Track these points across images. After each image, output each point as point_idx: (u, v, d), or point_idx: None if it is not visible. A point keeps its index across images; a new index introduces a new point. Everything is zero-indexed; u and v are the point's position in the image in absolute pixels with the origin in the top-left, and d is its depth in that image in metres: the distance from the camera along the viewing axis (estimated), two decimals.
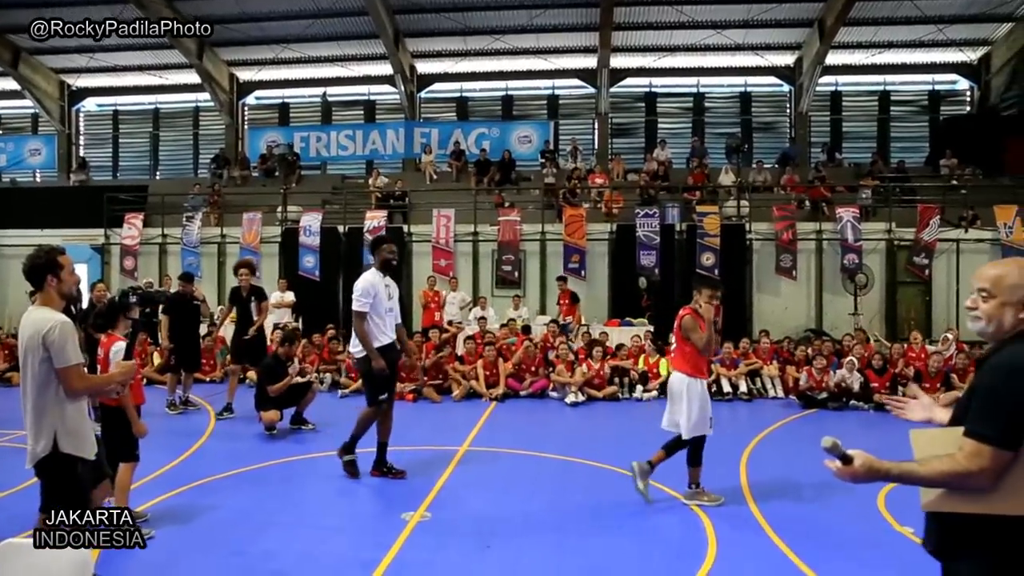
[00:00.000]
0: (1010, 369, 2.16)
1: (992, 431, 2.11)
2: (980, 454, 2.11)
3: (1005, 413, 2.11)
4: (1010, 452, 2.10)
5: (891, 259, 16.60)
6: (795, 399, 10.68)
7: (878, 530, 5.37)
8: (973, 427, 2.16)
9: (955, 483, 2.16)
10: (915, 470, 2.22)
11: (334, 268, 16.86)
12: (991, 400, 2.16)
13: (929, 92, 23.59)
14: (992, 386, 2.18)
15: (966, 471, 2.12)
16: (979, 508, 2.15)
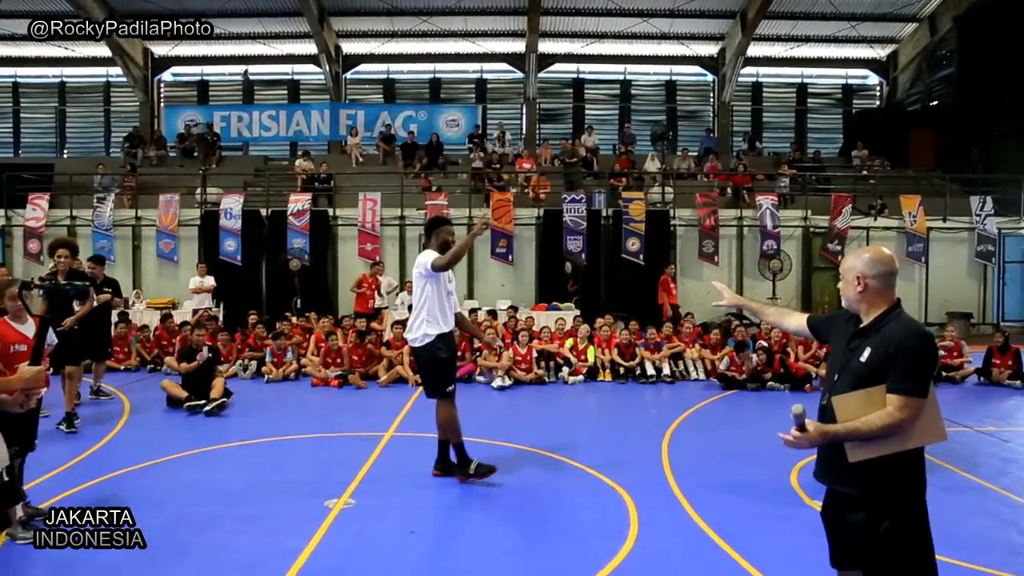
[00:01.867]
0: (918, 336, 2.72)
1: (915, 385, 2.65)
2: (908, 405, 2.64)
3: (921, 370, 2.68)
4: (925, 399, 2.66)
5: (807, 245, 17.30)
6: (716, 381, 10.99)
7: (791, 504, 5.58)
8: (899, 385, 2.66)
9: (890, 431, 2.64)
10: (858, 427, 2.68)
11: (256, 252, 16.40)
12: (911, 363, 2.67)
13: (843, 86, 24.64)
14: (908, 353, 2.67)
15: (900, 420, 2.63)
16: (899, 448, 2.67)
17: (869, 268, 2.85)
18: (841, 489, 2.86)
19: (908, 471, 2.72)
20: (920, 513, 2.74)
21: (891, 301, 2.85)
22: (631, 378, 11.23)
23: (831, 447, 2.81)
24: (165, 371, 11.00)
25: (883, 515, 2.70)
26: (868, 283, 2.84)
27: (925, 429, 2.69)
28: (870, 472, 2.72)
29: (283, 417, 8.68)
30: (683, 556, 4.63)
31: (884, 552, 2.72)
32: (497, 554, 4.65)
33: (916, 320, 2.86)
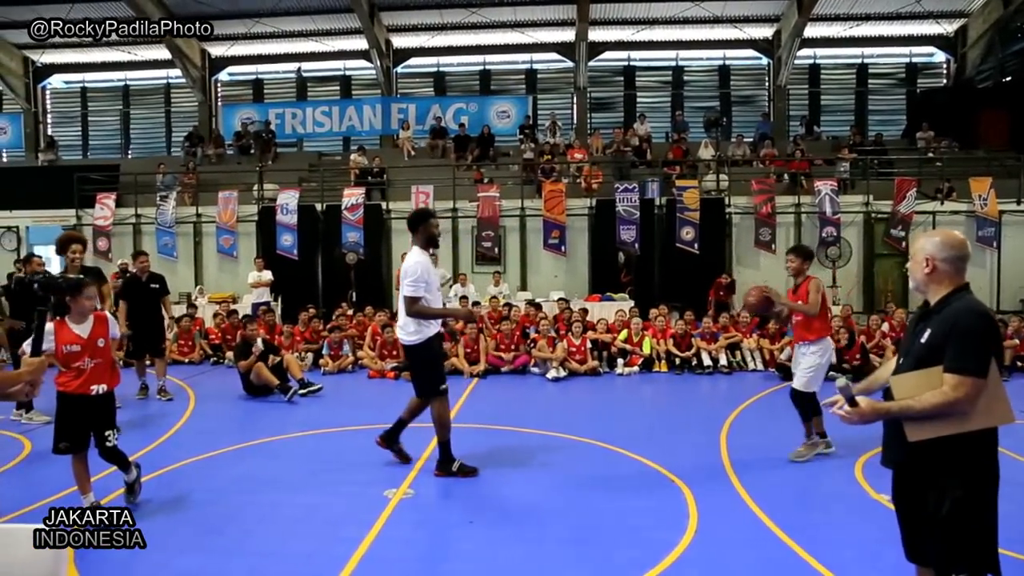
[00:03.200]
0: (974, 315, 2.70)
1: (970, 364, 2.63)
2: (963, 384, 2.62)
3: (978, 349, 2.65)
4: (984, 379, 2.62)
5: (869, 231, 16.75)
6: (775, 371, 10.75)
7: (855, 497, 5.42)
8: (954, 364, 2.65)
9: (945, 410, 2.63)
10: (911, 405, 2.69)
11: (312, 246, 16.71)
12: (966, 341, 2.66)
13: (906, 64, 23.70)
14: (964, 331, 2.67)
15: (954, 399, 2.61)
16: (959, 429, 2.66)
17: (939, 250, 2.83)
18: (905, 472, 2.85)
19: (974, 455, 2.69)
20: (985, 501, 2.69)
21: (958, 285, 2.83)
22: (687, 369, 11.08)
23: (895, 430, 2.81)
24: (227, 364, 11.32)
25: (944, 499, 2.68)
26: (937, 265, 2.83)
27: (988, 411, 2.65)
28: (933, 455, 2.71)
29: (341, 408, 8.82)
30: (744, 549, 4.53)
31: (944, 536, 2.70)
32: (555, 543, 4.63)
33: (979, 301, 2.81)
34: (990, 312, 2.77)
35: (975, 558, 2.69)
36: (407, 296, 5.78)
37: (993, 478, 2.71)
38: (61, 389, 4.87)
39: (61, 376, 4.84)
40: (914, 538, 2.87)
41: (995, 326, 2.74)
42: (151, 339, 9.20)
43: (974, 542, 2.68)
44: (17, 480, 6.04)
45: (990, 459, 2.71)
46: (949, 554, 2.71)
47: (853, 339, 10.77)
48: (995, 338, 2.73)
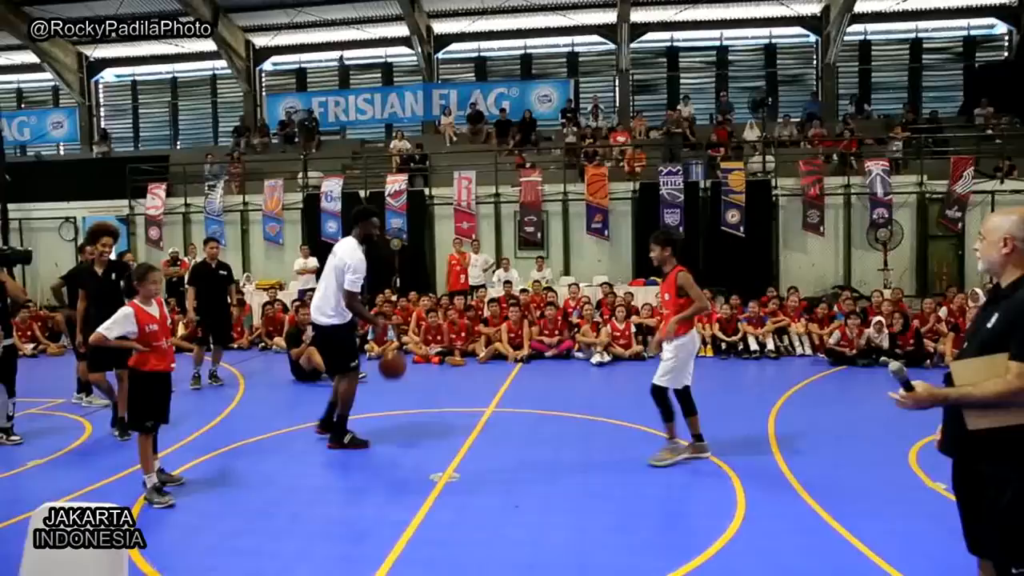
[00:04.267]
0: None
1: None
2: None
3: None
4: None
5: (922, 212, 16.21)
6: (824, 356, 10.54)
7: (909, 486, 5.30)
8: (1020, 351, 2.52)
9: (1007, 400, 2.53)
10: (971, 392, 2.58)
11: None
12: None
13: (964, 38, 22.73)
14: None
15: (1018, 388, 2.50)
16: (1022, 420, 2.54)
17: (1020, 229, 2.67)
18: (964, 461, 2.75)
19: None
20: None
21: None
22: (733, 354, 10.94)
23: (954, 417, 2.71)
24: (275, 350, 11.54)
25: (1005, 490, 2.57)
26: (1016, 245, 2.67)
27: None
28: (994, 444, 2.60)
29: (386, 393, 8.87)
30: (794, 537, 4.46)
31: (1005, 529, 2.60)
32: (600, 530, 4.62)
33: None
34: None
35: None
36: (349, 291, 6.15)
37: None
38: (145, 368, 5.12)
39: (141, 356, 5.09)
40: (975, 530, 2.77)
41: None
42: (218, 326, 9.42)
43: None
44: (79, 461, 6.26)
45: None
46: (1010, 547, 2.61)
47: (907, 324, 10.47)
48: None
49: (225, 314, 9.66)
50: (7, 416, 6.69)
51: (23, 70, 25.26)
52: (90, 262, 7.05)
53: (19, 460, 6.19)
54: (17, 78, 25.95)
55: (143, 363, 5.10)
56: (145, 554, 4.19)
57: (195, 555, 4.32)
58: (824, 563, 4.12)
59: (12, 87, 26.12)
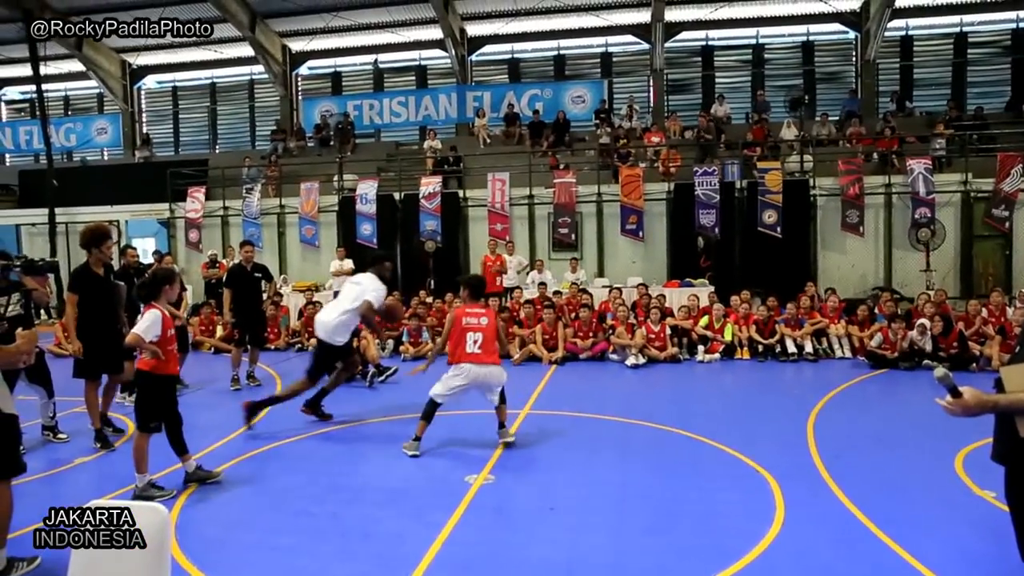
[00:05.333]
0: None
1: None
2: None
3: None
4: None
5: (967, 212, 15.81)
6: (864, 359, 10.33)
7: (956, 493, 5.16)
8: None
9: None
10: (1020, 399, 2.50)
11: (391, 235, 17.01)
12: None
13: (1012, 31, 22.04)
14: None
15: None
16: None
17: None
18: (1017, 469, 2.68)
19: None
20: None
21: None
22: (770, 356, 10.78)
23: (1006, 424, 2.63)
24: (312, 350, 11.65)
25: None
26: None
27: None
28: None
29: (420, 394, 8.85)
30: (835, 543, 4.37)
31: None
32: (637, 532, 4.59)
33: None
34: None
35: None
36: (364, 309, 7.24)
37: None
38: (159, 372, 5.23)
39: (153, 359, 5.19)
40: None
41: None
42: (254, 327, 9.57)
43: None
44: (124, 459, 6.39)
45: None
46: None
47: (950, 326, 10.21)
48: None
49: (260, 316, 9.80)
50: (50, 416, 6.88)
51: (70, 78, 25.95)
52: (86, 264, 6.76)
53: (66, 458, 6.35)
54: (64, 86, 26.65)
55: (157, 367, 5.21)
56: (186, 551, 4.28)
57: (236, 552, 4.39)
58: (866, 570, 4.03)
59: (60, 95, 26.83)
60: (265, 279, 9.71)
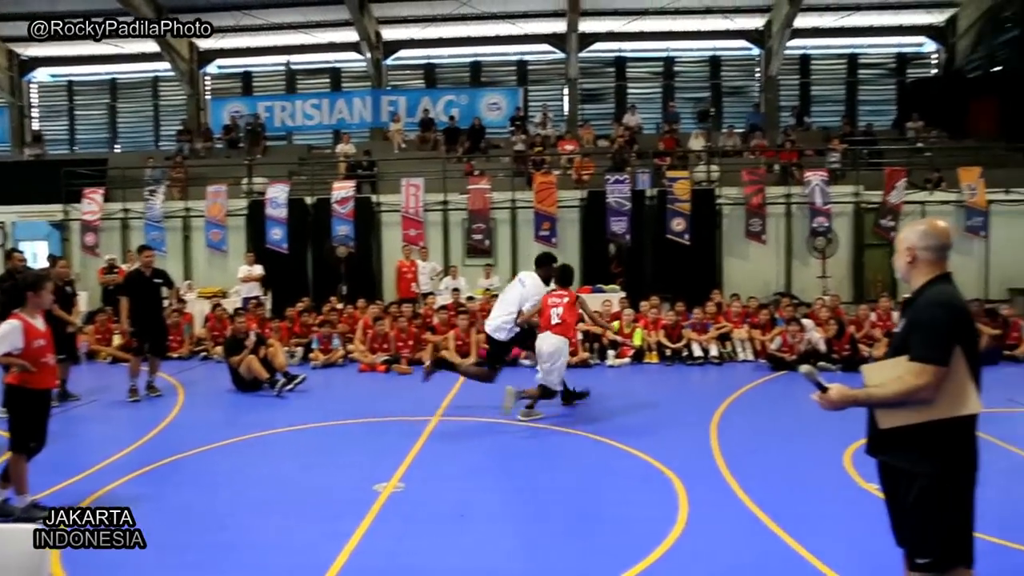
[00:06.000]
0: (933, 304, 2.74)
1: (929, 352, 2.66)
2: (924, 372, 2.65)
3: (937, 338, 2.66)
4: (945, 367, 2.64)
5: (858, 222, 16.77)
6: (765, 362, 10.77)
7: (844, 487, 5.45)
8: (915, 352, 2.69)
9: (907, 398, 2.67)
10: (877, 393, 2.75)
11: (302, 240, 16.63)
12: (925, 331, 2.70)
13: (896, 55, 23.71)
14: (924, 320, 2.73)
15: (916, 387, 2.65)
16: (924, 417, 2.69)
17: (920, 239, 2.86)
18: (881, 459, 2.90)
19: (943, 444, 2.71)
20: (955, 491, 2.71)
21: (937, 274, 2.85)
22: (678, 360, 11.10)
23: (872, 417, 2.87)
24: (217, 359, 11.26)
25: (913, 486, 2.74)
26: (917, 254, 2.86)
27: (953, 399, 2.67)
28: (903, 442, 2.76)
29: (331, 403, 8.79)
30: (735, 540, 4.55)
31: (912, 524, 2.79)
32: (547, 536, 4.64)
33: (951, 290, 2.81)
34: (955, 302, 2.75)
35: (941, 547, 2.72)
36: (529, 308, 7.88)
37: (966, 467, 2.73)
38: (31, 386, 4.85)
39: (22, 373, 4.80)
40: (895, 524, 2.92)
41: (959, 316, 2.72)
42: (154, 336, 9.09)
43: (940, 531, 2.72)
44: None
45: (962, 448, 2.73)
46: (915, 541, 2.78)
47: (842, 329, 10.78)
48: (959, 328, 2.70)
49: (161, 324, 9.37)
50: None
51: None
52: None
53: None
54: None
55: (28, 381, 4.81)
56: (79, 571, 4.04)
57: (136, 570, 4.16)
58: (762, 564, 4.21)
59: None
60: (166, 285, 9.29)
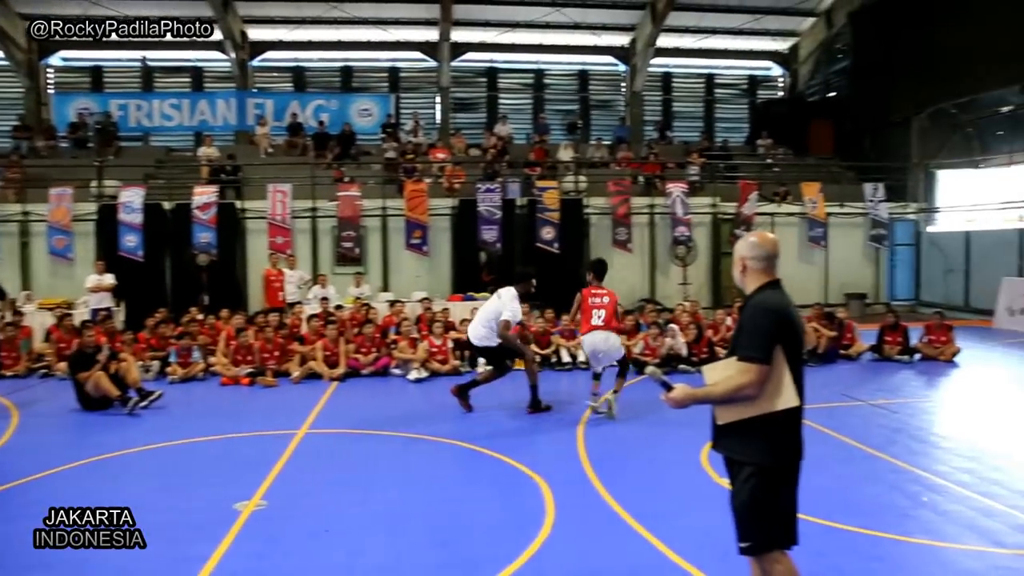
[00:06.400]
0: (756, 309, 2.97)
1: (751, 352, 2.88)
2: (748, 371, 2.87)
3: (758, 339, 2.89)
4: (766, 366, 2.86)
5: (716, 231, 17.83)
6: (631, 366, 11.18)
7: (701, 483, 5.75)
8: (741, 352, 2.91)
9: (735, 395, 2.89)
10: (711, 391, 2.97)
11: (160, 248, 15.69)
12: (748, 333, 2.94)
13: (748, 77, 25.48)
14: (748, 324, 2.97)
15: (740, 385, 2.87)
16: (751, 412, 2.91)
17: (748, 251, 3.08)
18: (720, 452, 3.12)
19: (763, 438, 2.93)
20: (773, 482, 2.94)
21: (766, 281, 3.05)
22: (547, 366, 11.32)
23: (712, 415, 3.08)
24: (60, 376, 10.39)
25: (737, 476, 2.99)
26: (747, 264, 3.08)
27: (773, 395, 2.89)
28: (732, 437, 3.00)
29: (189, 419, 8.32)
30: (599, 540, 4.69)
31: (734, 511, 3.03)
32: (414, 548, 4.60)
33: (775, 296, 3.01)
34: (776, 307, 2.95)
35: (758, 533, 2.98)
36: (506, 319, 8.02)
37: (786, 458, 2.97)
38: None
39: None
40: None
41: (779, 320, 2.91)
42: None
43: (757, 518, 2.96)
44: None
45: (783, 440, 2.95)
46: (737, 526, 3.02)
47: (701, 333, 11.40)
48: (780, 330, 2.89)
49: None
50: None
51: None
52: None
53: None
54: None
55: None
56: None
57: None
58: (625, 563, 4.36)
59: None
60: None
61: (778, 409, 2.89)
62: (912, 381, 10.26)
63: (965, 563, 4.34)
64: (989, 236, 17.32)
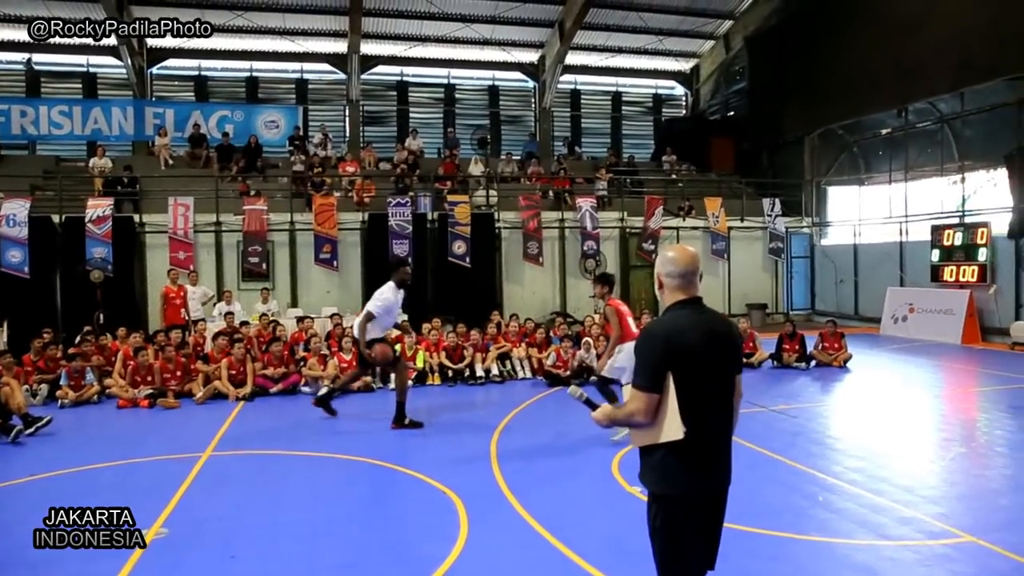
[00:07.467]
0: (643, 334, 2.85)
1: (639, 380, 2.76)
2: (636, 398, 2.76)
3: (643, 366, 2.77)
4: (656, 394, 2.73)
5: (624, 245, 18.31)
6: (542, 379, 11.33)
7: (612, 493, 5.88)
8: (632, 380, 2.81)
9: (629, 421, 2.82)
10: (616, 413, 2.90)
11: (48, 263, 14.79)
12: (637, 359, 2.82)
13: (653, 95, 26.36)
14: (637, 348, 2.85)
15: (630, 412, 2.78)
16: (649, 440, 2.80)
17: (662, 266, 2.97)
18: None
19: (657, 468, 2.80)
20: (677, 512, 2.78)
21: (681, 299, 2.89)
22: (460, 380, 11.33)
23: None
24: None
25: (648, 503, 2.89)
26: (664, 280, 2.95)
27: (659, 425, 2.75)
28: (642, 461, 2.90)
29: (83, 445, 7.88)
30: (512, 552, 4.72)
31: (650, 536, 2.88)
32: (325, 569, 4.51)
33: (671, 318, 2.85)
34: (664, 332, 2.75)
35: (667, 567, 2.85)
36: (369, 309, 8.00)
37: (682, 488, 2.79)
38: None
39: None
40: None
41: (666, 346, 2.72)
42: None
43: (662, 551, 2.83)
44: None
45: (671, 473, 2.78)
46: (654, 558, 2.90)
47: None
48: (667, 357, 2.71)
49: None
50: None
51: None
52: None
53: None
54: None
55: None
56: None
57: None
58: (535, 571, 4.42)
59: None
60: None
61: (660, 441, 2.75)
62: (809, 387, 10.81)
63: (857, 557, 4.61)
64: (874, 248, 18.50)
